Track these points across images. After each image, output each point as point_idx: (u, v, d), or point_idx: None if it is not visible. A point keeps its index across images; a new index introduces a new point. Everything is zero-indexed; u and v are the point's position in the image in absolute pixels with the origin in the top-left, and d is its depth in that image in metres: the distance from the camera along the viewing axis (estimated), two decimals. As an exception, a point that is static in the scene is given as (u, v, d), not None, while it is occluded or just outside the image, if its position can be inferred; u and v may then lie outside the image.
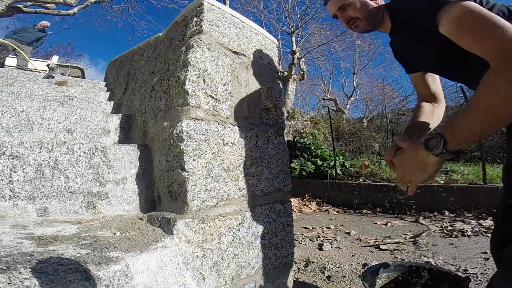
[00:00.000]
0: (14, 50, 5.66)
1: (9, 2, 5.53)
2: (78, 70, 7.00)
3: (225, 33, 1.08)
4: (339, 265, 1.75)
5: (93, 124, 1.33)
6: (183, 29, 1.10)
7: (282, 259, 1.14)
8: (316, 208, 3.66)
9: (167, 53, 1.19)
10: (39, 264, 0.54)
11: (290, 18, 9.32)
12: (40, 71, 4.21)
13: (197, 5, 1.06)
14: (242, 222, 0.99)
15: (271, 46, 1.32)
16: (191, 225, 0.83)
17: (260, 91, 1.18)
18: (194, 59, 0.94)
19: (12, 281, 0.48)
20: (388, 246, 2.04)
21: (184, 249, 0.81)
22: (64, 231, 0.78)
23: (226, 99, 1.03)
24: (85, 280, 0.54)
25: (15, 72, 2.36)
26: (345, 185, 3.84)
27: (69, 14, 6.97)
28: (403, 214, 3.06)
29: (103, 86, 2.28)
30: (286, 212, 1.18)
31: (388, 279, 1.12)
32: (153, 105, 1.17)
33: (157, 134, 1.05)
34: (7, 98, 1.23)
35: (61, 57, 12.75)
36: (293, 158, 4.57)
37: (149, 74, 1.35)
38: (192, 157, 0.88)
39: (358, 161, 4.56)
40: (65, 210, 0.93)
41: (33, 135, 1.19)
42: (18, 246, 0.62)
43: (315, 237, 2.36)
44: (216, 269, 0.88)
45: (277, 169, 1.17)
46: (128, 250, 0.68)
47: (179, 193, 0.89)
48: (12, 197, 0.87)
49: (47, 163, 0.93)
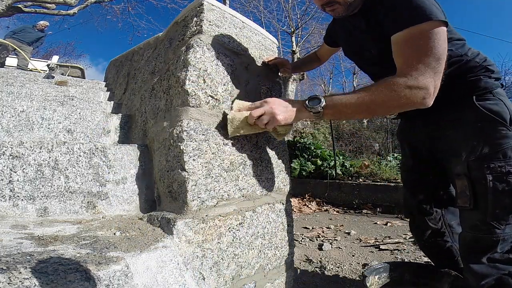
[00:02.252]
0: (14, 50, 5.66)
1: (9, 2, 5.53)
2: (78, 70, 7.01)
3: (225, 33, 1.08)
4: (339, 265, 1.75)
5: (93, 124, 1.33)
6: (183, 29, 1.10)
7: (282, 259, 1.14)
8: (316, 208, 3.66)
9: (167, 53, 1.19)
10: (39, 264, 0.54)
11: (290, 18, 9.33)
12: (40, 71, 4.21)
13: (197, 5, 1.06)
14: (242, 222, 0.99)
15: (271, 46, 1.32)
16: (191, 225, 0.83)
17: (260, 91, 1.18)
18: (194, 59, 0.94)
19: (12, 281, 0.48)
20: (388, 246, 2.04)
21: (184, 249, 0.81)
22: (64, 231, 0.78)
23: (226, 99, 1.03)
24: (85, 280, 0.54)
25: (15, 72, 2.36)
26: (345, 185, 3.84)
27: (69, 14, 6.97)
28: (403, 214, 3.06)
29: (103, 86, 2.28)
30: (286, 212, 1.18)
31: (388, 279, 1.12)
32: (153, 105, 1.17)
33: (157, 134, 1.05)
34: (7, 98, 1.23)
35: (61, 57, 12.76)
36: (293, 158, 4.57)
37: (149, 74, 1.35)
38: (192, 157, 0.88)
39: (358, 161, 4.56)
40: (65, 210, 0.93)
41: (33, 135, 1.19)
42: (18, 246, 0.62)
43: (315, 237, 2.36)
44: (216, 269, 0.88)
45: (277, 169, 1.17)
46: (128, 250, 0.68)
47: (179, 193, 0.89)
48: (12, 197, 0.87)
49: (47, 163, 0.93)
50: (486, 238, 0.84)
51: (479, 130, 0.85)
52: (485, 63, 0.90)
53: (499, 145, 0.82)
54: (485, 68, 0.89)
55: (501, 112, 0.84)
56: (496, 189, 0.81)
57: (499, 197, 0.81)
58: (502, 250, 0.83)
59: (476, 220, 0.85)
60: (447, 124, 0.93)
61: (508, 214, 0.81)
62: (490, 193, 0.82)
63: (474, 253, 0.87)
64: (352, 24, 1.00)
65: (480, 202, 0.84)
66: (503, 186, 0.80)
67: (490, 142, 0.83)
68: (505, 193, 0.80)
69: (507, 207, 0.80)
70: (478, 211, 0.85)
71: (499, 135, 0.83)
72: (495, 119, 0.84)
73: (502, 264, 0.83)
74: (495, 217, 0.82)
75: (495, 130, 0.84)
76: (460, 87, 0.86)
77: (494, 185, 0.81)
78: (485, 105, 0.86)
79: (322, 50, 1.40)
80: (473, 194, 0.85)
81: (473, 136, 0.86)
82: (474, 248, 0.87)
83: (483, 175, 0.83)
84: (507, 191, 0.80)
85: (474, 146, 0.85)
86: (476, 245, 0.86)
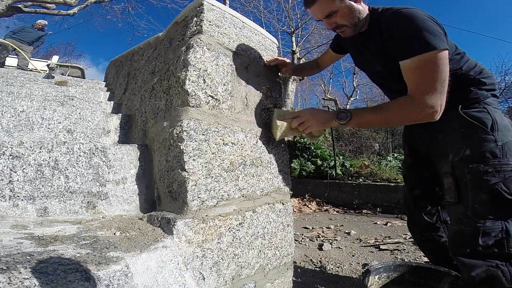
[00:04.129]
0: (14, 50, 5.66)
1: (9, 2, 5.53)
2: (78, 70, 7.01)
3: (225, 33, 1.08)
4: (339, 265, 1.75)
5: (93, 124, 1.33)
6: (183, 29, 1.10)
7: (282, 259, 1.14)
8: (316, 208, 3.66)
9: (167, 53, 1.19)
10: (39, 264, 0.54)
11: (290, 18, 9.33)
12: (40, 71, 4.21)
13: (197, 5, 1.06)
14: (242, 222, 0.99)
15: (271, 46, 1.32)
16: (191, 225, 0.83)
17: (260, 91, 1.18)
18: (194, 59, 0.94)
19: (12, 281, 0.48)
20: (388, 246, 2.04)
21: (184, 249, 0.81)
22: (64, 231, 0.78)
23: (226, 99, 1.03)
24: (85, 280, 0.54)
25: (15, 72, 2.35)
26: (345, 185, 3.84)
27: (69, 14, 6.96)
28: (403, 214, 3.06)
29: (103, 86, 2.28)
30: (286, 212, 1.18)
31: (388, 279, 1.12)
32: (153, 105, 1.17)
33: (157, 134, 1.05)
34: (7, 98, 1.23)
35: (61, 57, 12.76)
36: (293, 158, 4.57)
37: (149, 74, 1.35)
38: (192, 157, 0.88)
39: (358, 161, 4.55)
40: (65, 210, 0.93)
41: (33, 135, 1.19)
42: (18, 246, 0.62)
43: (315, 237, 2.36)
44: (216, 269, 0.88)
45: (277, 169, 1.17)
46: (128, 250, 0.68)
47: (179, 193, 0.89)
48: (12, 197, 0.87)
49: (47, 163, 0.93)
50: (467, 230, 0.91)
51: (462, 135, 0.96)
52: (480, 75, 0.99)
53: (479, 147, 0.91)
54: (477, 80, 0.99)
55: (483, 119, 0.94)
56: (475, 187, 0.90)
57: (477, 193, 0.90)
58: (485, 243, 0.87)
59: (459, 214, 0.94)
60: (439, 130, 1.04)
61: (486, 209, 0.88)
62: (470, 189, 0.91)
63: (458, 245, 0.94)
64: (361, 42, 1.11)
65: (462, 197, 0.93)
66: (480, 184, 0.89)
67: (471, 145, 0.93)
68: (482, 190, 0.89)
69: (485, 202, 0.88)
70: (461, 205, 0.94)
71: (480, 139, 0.92)
72: (476, 125, 0.94)
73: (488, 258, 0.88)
74: (475, 211, 0.90)
75: (476, 135, 0.93)
76: (451, 98, 0.94)
77: (472, 183, 0.91)
78: (469, 113, 0.96)
79: (326, 57, 1.45)
80: (457, 190, 0.95)
81: (458, 140, 0.97)
82: (458, 240, 0.94)
83: (464, 174, 0.93)
84: (484, 188, 0.89)
85: (458, 148, 0.96)
86: (461, 238, 0.94)
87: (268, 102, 1.21)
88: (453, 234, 0.97)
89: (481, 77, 0.99)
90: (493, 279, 0.87)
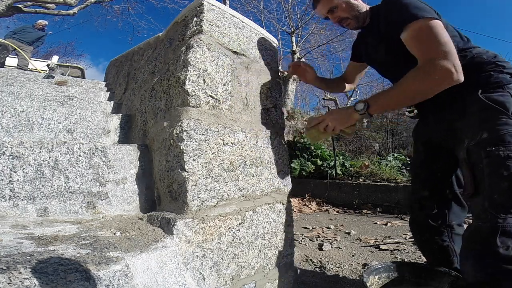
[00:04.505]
0: (14, 50, 5.66)
1: (9, 2, 5.53)
2: (78, 70, 7.01)
3: (225, 33, 1.08)
4: (339, 265, 1.75)
5: (93, 124, 1.33)
6: (183, 29, 1.10)
7: (282, 259, 1.14)
8: (316, 208, 3.66)
9: (167, 53, 1.19)
10: (39, 264, 0.54)
11: (290, 18, 9.32)
12: (40, 71, 4.21)
13: (197, 5, 1.06)
14: (242, 222, 0.99)
15: (271, 46, 1.32)
16: (191, 225, 0.83)
17: (260, 91, 1.18)
18: (194, 59, 0.94)
19: (12, 281, 0.48)
20: (388, 246, 2.04)
21: (184, 249, 0.81)
22: (64, 231, 0.78)
23: (226, 99, 1.03)
24: (85, 280, 0.54)
25: (15, 72, 2.35)
26: (345, 185, 3.84)
27: (69, 14, 6.96)
28: (403, 214, 3.06)
29: (103, 86, 2.28)
30: (286, 212, 1.18)
31: (388, 279, 1.12)
32: (153, 105, 1.17)
33: (157, 134, 1.05)
34: (7, 98, 1.23)
35: (61, 57, 12.75)
36: (293, 158, 4.56)
37: (149, 74, 1.35)
38: (192, 157, 0.88)
39: (358, 161, 4.55)
40: (65, 210, 0.93)
41: (33, 135, 1.19)
42: (18, 246, 0.62)
43: (315, 237, 2.36)
44: (216, 269, 0.88)
45: (277, 169, 1.17)
46: (128, 250, 0.68)
47: (179, 193, 0.89)
48: (12, 197, 0.87)
49: (47, 163, 0.93)
50: (485, 226, 0.81)
51: (480, 118, 0.89)
52: (495, 59, 0.94)
53: (498, 130, 0.84)
54: (494, 63, 0.92)
55: (504, 102, 0.86)
56: (493, 173, 0.81)
57: (496, 181, 0.80)
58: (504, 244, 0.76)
59: (478, 208, 0.85)
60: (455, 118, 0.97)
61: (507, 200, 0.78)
62: (487, 175, 0.82)
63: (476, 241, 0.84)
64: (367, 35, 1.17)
65: (480, 187, 0.84)
66: (501, 171, 0.80)
67: (489, 129, 0.85)
68: (502, 177, 0.79)
69: (506, 192, 0.78)
70: (479, 197, 0.84)
71: (499, 122, 0.85)
72: (497, 108, 0.86)
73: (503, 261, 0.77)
74: (493, 202, 0.80)
75: (495, 118, 0.86)
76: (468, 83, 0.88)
77: (490, 168, 0.82)
78: (490, 97, 0.89)
79: (348, 69, 1.45)
80: (473, 179, 0.86)
81: (475, 124, 0.89)
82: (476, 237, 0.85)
83: (481, 159, 0.84)
84: (505, 176, 0.79)
85: (474, 132, 0.88)
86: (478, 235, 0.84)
87: (268, 102, 1.21)
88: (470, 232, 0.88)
89: (497, 60, 0.93)
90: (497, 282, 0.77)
